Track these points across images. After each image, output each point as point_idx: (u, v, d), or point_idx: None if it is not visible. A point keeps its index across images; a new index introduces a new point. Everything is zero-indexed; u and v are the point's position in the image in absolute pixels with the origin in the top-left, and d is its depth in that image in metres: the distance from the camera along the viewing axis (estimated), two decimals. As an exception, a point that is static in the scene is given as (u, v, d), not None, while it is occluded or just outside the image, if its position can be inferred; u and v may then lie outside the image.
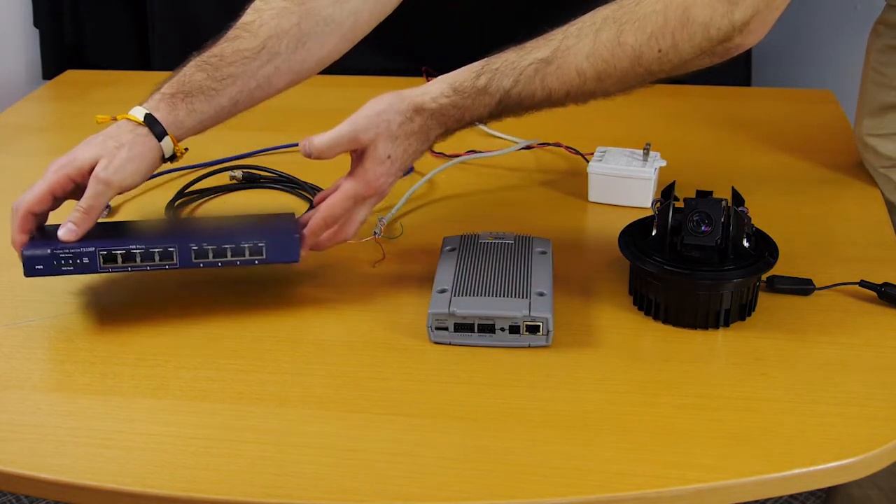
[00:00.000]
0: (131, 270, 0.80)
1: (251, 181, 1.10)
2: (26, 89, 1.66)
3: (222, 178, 1.10)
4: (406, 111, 0.82)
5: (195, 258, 0.80)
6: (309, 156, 0.83)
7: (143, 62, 1.69)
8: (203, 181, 1.08)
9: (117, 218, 1.02)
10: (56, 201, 0.83)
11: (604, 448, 0.67)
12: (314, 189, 1.06)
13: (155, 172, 0.87)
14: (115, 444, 0.68)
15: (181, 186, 1.07)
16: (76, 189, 0.83)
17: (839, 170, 1.10)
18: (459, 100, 0.82)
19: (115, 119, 0.86)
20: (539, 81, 0.81)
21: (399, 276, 0.90)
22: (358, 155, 0.84)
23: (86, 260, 0.78)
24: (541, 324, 0.77)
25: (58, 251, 0.78)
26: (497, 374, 0.75)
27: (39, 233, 0.82)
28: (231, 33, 0.90)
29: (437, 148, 1.16)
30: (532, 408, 0.71)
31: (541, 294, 0.79)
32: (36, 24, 1.66)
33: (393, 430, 0.69)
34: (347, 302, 0.86)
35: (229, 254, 0.81)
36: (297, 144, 1.19)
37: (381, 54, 1.09)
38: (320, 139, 0.82)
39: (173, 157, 0.87)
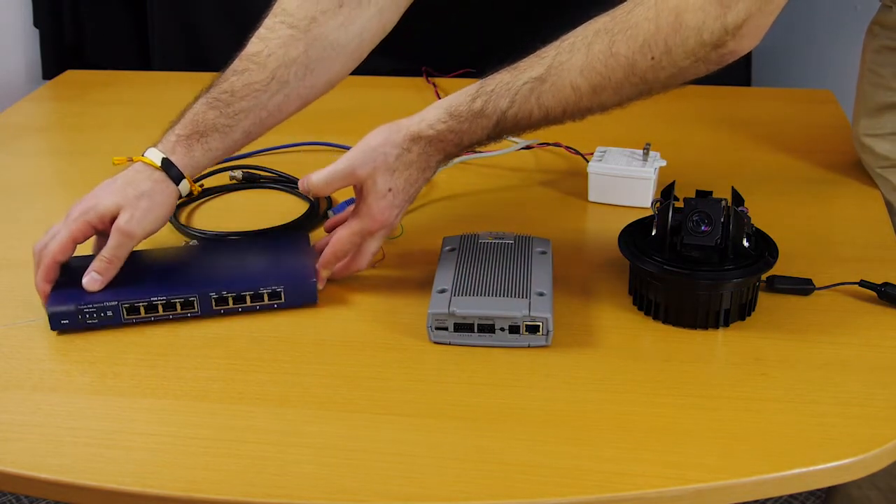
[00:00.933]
0: (154, 321, 0.82)
1: (251, 181, 1.10)
2: (26, 89, 1.66)
3: (222, 179, 1.10)
4: (402, 142, 0.82)
5: (216, 306, 0.83)
6: (308, 193, 0.85)
7: (143, 62, 1.69)
8: (203, 181, 1.08)
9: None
10: (76, 247, 0.84)
11: (604, 448, 0.67)
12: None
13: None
14: (115, 444, 0.68)
15: None
16: (97, 234, 0.85)
17: (839, 170, 1.10)
18: (456, 124, 0.82)
19: (131, 160, 0.87)
20: (535, 100, 0.80)
21: (399, 276, 0.90)
22: (359, 190, 0.84)
23: (109, 313, 0.81)
24: (541, 324, 0.77)
25: (82, 306, 0.81)
26: (497, 374, 0.75)
27: (63, 275, 0.84)
28: (238, 65, 0.90)
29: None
30: (532, 408, 0.71)
31: (541, 294, 0.79)
32: (36, 24, 1.66)
33: (393, 430, 0.69)
34: (347, 302, 0.86)
35: (249, 300, 0.83)
36: (297, 145, 1.19)
37: (381, 54, 1.09)
38: (318, 176, 0.83)
39: (190, 195, 0.89)
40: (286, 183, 1.09)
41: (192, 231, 0.98)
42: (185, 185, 0.86)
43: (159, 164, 0.85)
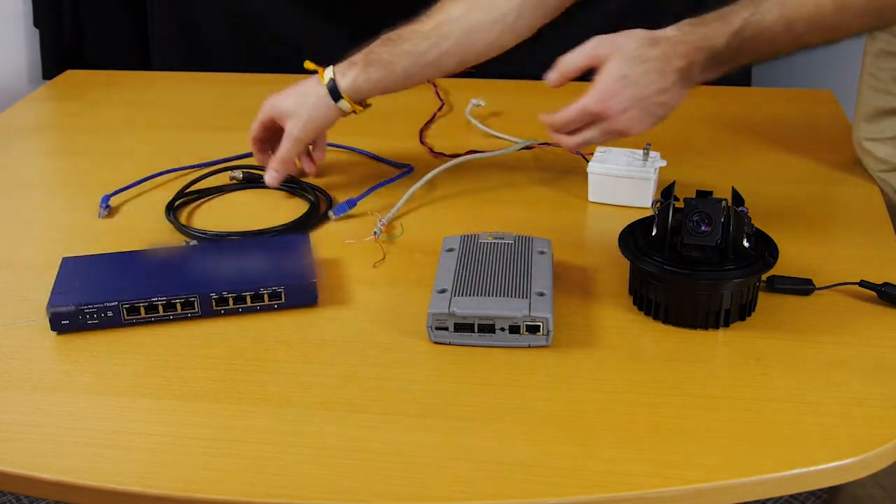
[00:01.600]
0: (154, 321, 0.82)
1: (251, 181, 1.10)
2: (26, 89, 1.66)
3: (222, 179, 1.10)
4: (644, 37, 0.87)
5: (216, 306, 0.83)
6: (553, 79, 0.90)
7: (143, 62, 1.69)
8: (203, 181, 1.09)
9: (118, 217, 1.02)
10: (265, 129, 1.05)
11: (604, 448, 0.67)
12: (314, 189, 1.06)
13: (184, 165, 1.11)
14: (115, 444, 0.68)
15: (181, 187, 1.07)
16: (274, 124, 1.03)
17: (839, 170, 1.10)
18: (698, 26, 0.85)
19: (316, 71, 1.02)
20: (777, 11, 0.81)
21: (399, 276, 0.90)
22: (597, 72, 0.88)
23: (109, 313, 0.81)
24: (541, 324, 0.77)
25: (82, 306, 0.81)
26: (497, 374, 0.75)
27: (63, 275, 0.85)
28: (418, 17, 1.01)
29: (437, 148, 1.17)
30: (532, 408, 0.71)
31: (541, 294, 0.79)
32: (36, 24, 1.66)
33: (393, 430, 0.69)
34: (347, 302, 0.86)
35: (249, 300, 0.83)
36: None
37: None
38: (565, 57, 0.89)
39: (358, 110, 1.01)
40: (286, 183, 1.09)
41: (193, 231, 0.98)
42: (344, 104, 1.00)
43: (326, 82, 1.00)
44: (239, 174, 1.10)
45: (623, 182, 1.02)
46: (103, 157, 1.19)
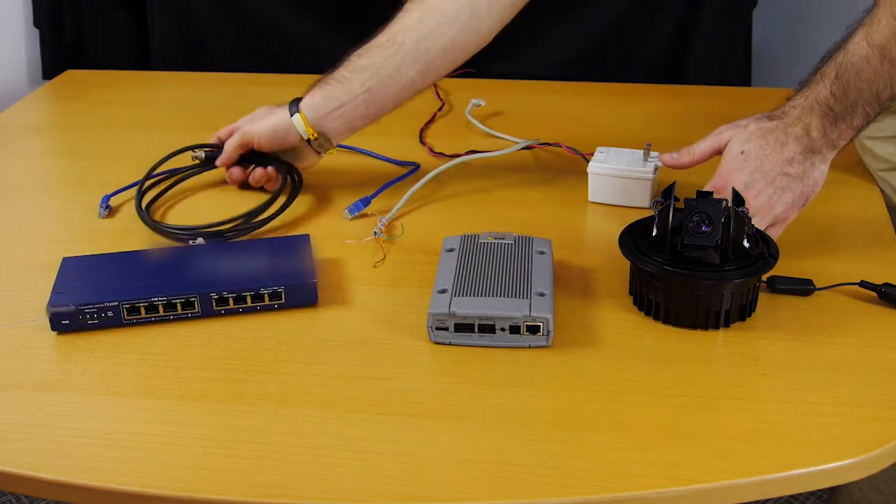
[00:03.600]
0: (154, 321, 0.82)
1: (213, 160, 1.09)
2: (26, 89, 1.66)
3: (185, 160, 1.10)
4: (762, 115, 0.90)
5: (216, 306, 0.83)
6: (679, 163, 0.95)
7: (143, 62, 1.69)
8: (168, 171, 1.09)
9: (118, 217, 1.02)
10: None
11: (604, 448, 0.67)
12: (286, 164, 1.06)
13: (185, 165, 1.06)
14: (115, 444, 0.68)
15: (143, 177, 1.07)
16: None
17: (839, 170, 1.09)
18: (801, 89, 0.87)
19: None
20: (865, 43, 0.82)
21: (399, 276, 0.90)
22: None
23: (110, 313, 0.81)
24: (541, 324, 0.77)
25: (82, 306, 0.81)
26: (497, 374, 0.75)
27: (63, 275, 0.85)
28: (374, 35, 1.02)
29: (437, 148, 1.17)
30: (532, 408, 0.71)
31: (541, 294, 0.79)
32: (36, 24, 1.66)
33: (393, 430, 0.69)
34: (347, 302, 0.86)
35: (249, 300, 0.83)
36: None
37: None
38: (696, 146, 0.94)
39: (312, 143, 1.02)
40: (254, 161, 1.08)
41: (167, 227, 0.98)
42: (298, 121, 1.01)
43: (288, 101, 1.03)
44: (201, 153, 1.09)
45: (623, 182, 1.02)
46: (103, 157, 1.19)
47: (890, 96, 0.83)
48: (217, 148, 1.09)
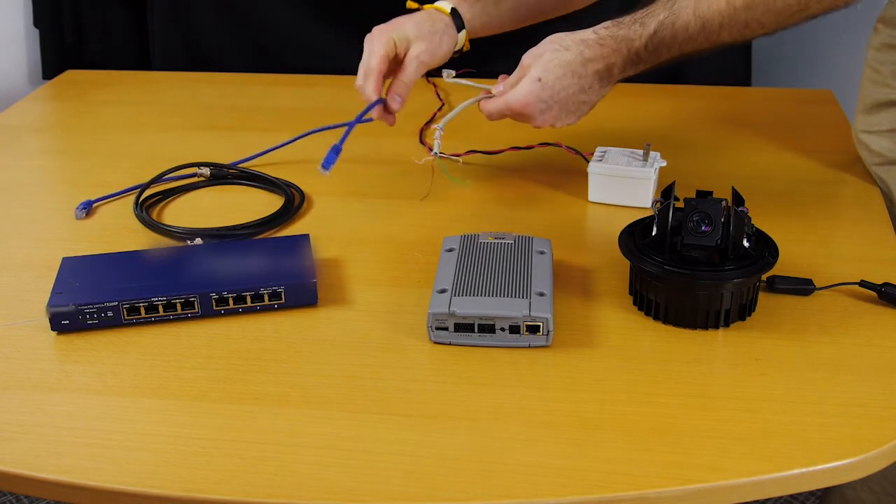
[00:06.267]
0: (154, 321, 0.82)
1: (217, 178, 1.10)
2: (26, 89, 1.66)
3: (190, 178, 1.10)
4: (563, 39, 0.92)
5: (216, 306, 0.83)
6: (489, 112, 0.96)
7: (143, 62, 1.69)
8: (171, 183, 1.09)
9: (118, 217, 1.02)
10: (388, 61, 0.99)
11: (604, 448, 0.67)
12: (288, 185, 1.07)
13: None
14: (115, 444, 0.68)
15: (146, 182, 1.08)
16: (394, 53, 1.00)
17: (839, 170, 1.10)
18: (617, 30, 0.90)
19: (421, 7, 1.03)
20: (692, 11, 0.86)
21: (399, 276, 0.90)
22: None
23: (110, 313, 0.81)
24: (541, 324, 0.77)
25: (82, 306, 0.81)
26: (497, 374, 0.75)
27: (64, 275, 0.85)
28: None
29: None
30: (532, 408, 0.71)
31: (541, 294, 0.79)
32: (36, 24, 1.66)
33: (393, 430, 0.69)
34: (347, 302, 0.86)
35: (249, 300, 0.83)
36: (296, 139, 1.19)
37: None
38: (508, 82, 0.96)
39: (460, 51, 1.03)
40: (258, 180, 1.10)
41: (167, 227, 0.98)
42: (462, 36, 1.03)
43: (449, 11, 1.02)
44: (206, 171, 1.10)
45: (623, 182, 1.02)
46: (103, 157, 1.19)
47: (692, 54, 0.89)
48: (225, 167, 1.09)
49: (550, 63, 0.91)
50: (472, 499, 0.63)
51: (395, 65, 1.01)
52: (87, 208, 1.03)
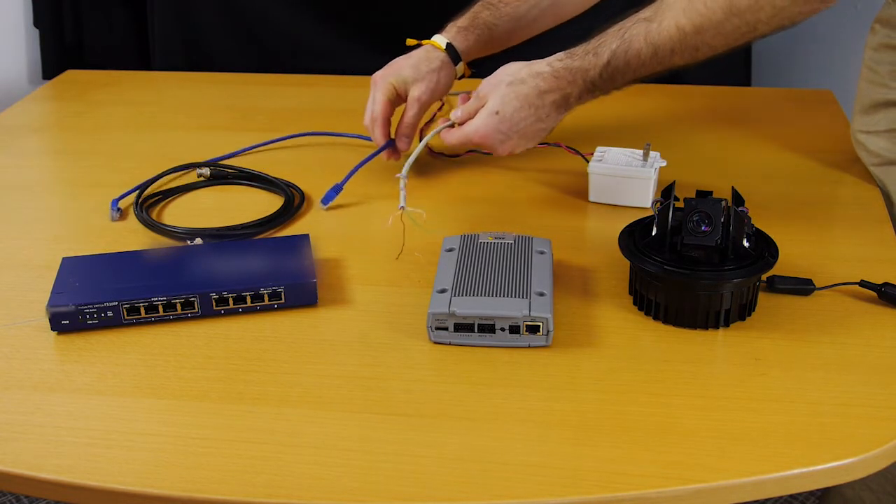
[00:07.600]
0: (154, 321, 0.82)
1: (217, 178, 1.10)
2: (26, 89, 1.66)
3: (191, 177, 1.10)
4: (518, 72, 0.95)
5: (216, 306, 0.83)
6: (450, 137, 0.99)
7: (143, 62, 1.69)
8: (173, 182, 1.09)
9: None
10: (393, 106, 1.06)
11: (604, 448, 0.67)
12: (288, 185, 1.07)
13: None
14: (115, 444, 0.68)
15: (144, 181, 1.08)
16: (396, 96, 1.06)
17: (839, 170, 1.10)
18: (570, 61, 0.92)
19: (420, 44, 1.07)
20: (643, 39, 0.87)
21: (399, 276, 0.90)
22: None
23: (109, 313, 0.81)
24: (541, 324, 0.77)
25: (82, 307, 0.81)
26: (497, 374, 0.75)
27: (64, 275, 0.85)
28: None
29: (437, 148, 1.17)
30: (532, 408, 0.71)
31: (541, 294, 0.79)
32: (36, 24, 1.66)
33: (393, 430, 0.69)
34: (347, 302, 0.86)
35: (249, 300, 0.83)
36: (296, 136, 1.19)
37: (380, 54, 1.10)
38: (461, 106, 1.00)
39: (461, 77, 1.08)
40: (258, 180, 1.09)
41: (167, 227, 0.98)
42: (460, 67, 1.07)
43: (444, 47, 1.05)
44: (206, 171, 1.10)
45: (623, 182, 1.02)
46: (103, 157, 1.19)
47: (646, 77, 0.91)
48: (224, 167, 1.09)
49: (507, 96, 0.94)
50: (472, 499, 0.63)
51: (399, 103, 1.07)
52: (119, 210, 1.03)
